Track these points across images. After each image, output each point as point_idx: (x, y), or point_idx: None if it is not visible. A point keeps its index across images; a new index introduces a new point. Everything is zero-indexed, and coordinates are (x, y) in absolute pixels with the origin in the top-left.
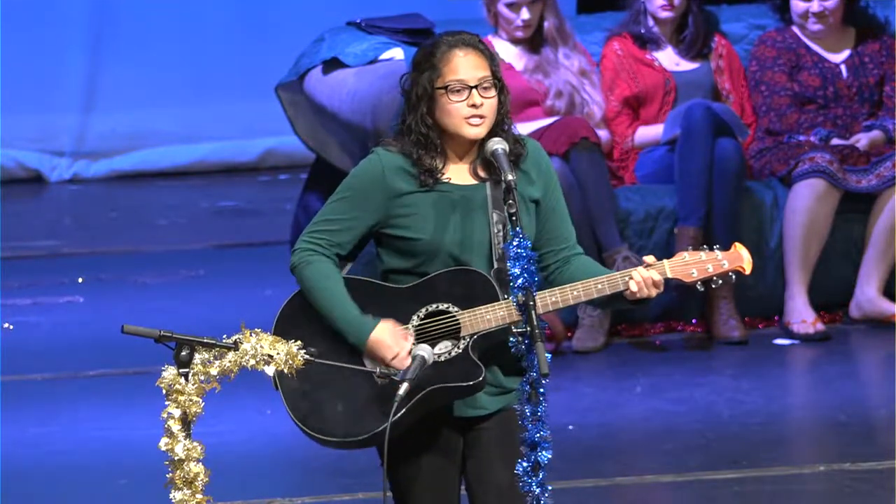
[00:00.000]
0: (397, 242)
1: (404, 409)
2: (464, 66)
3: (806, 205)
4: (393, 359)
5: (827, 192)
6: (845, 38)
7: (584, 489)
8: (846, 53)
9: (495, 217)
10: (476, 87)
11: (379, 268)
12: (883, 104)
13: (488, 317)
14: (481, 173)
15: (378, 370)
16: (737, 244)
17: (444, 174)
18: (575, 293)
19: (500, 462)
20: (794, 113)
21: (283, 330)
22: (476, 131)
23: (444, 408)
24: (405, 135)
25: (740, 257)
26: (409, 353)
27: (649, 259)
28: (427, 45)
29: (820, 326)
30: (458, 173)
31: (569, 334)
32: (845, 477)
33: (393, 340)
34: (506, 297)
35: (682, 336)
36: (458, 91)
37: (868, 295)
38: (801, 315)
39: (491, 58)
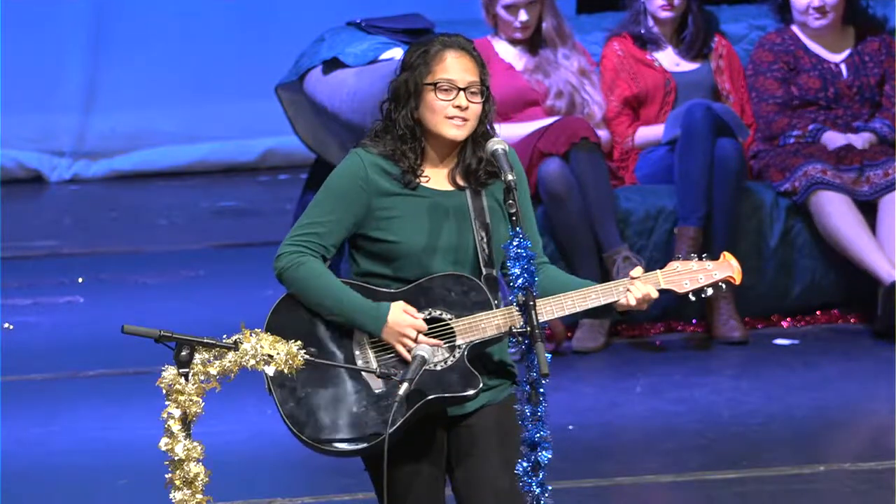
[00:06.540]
0: (375, 245)
1: (402, 419)
2: (455, 67)
3: (828, 211)
4: (416, 337)
5: (835, 196)
6: (845, 38)
7: (584, 489)
8: (846, 53)
9: (477, 224)
10: (465, 89)
11: (352, 271)
12: (882, 104)
13: (484, 325)
14: (459, 181)
15: (378, 370)
16: (725, 253)
17: (423, 172)
18: (569, 303)
19: (487, 460)
20: (782, 118)
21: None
22: (456, 132)
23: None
24: (388, 132)
25: (730, 266)
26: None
27: (636, 272)
28: (421, 42)
29: None
30: (436, 178)
31: (569, 334)
32: (845, 477)
33: (410, 319)
34: (496, 302)
35: (682, 336)
36: (446, 90)
37: None
38: None
39: (482, 65)
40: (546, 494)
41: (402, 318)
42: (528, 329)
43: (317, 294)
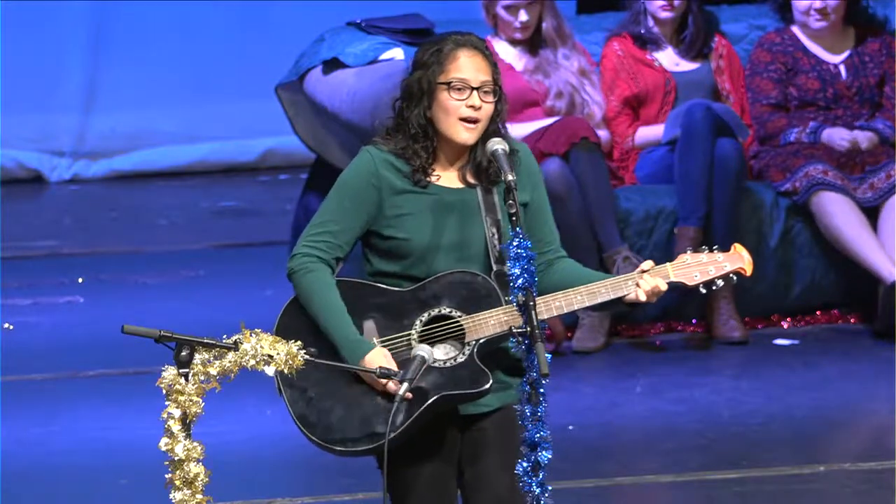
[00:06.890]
0: (387, 243)
1: (412, 418)
2: (469, 66)
3: (830, 211)
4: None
5: (837, 197)
6: (845, 39)
7: (584, 489)
8: (846, 54)
9: (488, 221)
10: (478, 89)
11: (366, 270)
12: (882, 105)
13: (492, 322)
14: (470, 179)
15: (378, 370)
16: (736, 245)
17: (434, 172)
18: (579, 297)
19: (499, 469)
20: (778, 119)
21: (285, 336)
22: (468, 136)
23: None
24: (399, 131)
25: (741, 258)
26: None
27: (646, 265)
28: (434, 41)
29: None
30: (447, 177)
31: (569, 335)
32: (845, 477)
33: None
34: (506, 299)
35: (682, 336)
36: (459, 90)
37: None
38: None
39: (494, 65)
40: (546, 494)
41: (376, 363)
42: (528, 329)
43: (313, 308)
